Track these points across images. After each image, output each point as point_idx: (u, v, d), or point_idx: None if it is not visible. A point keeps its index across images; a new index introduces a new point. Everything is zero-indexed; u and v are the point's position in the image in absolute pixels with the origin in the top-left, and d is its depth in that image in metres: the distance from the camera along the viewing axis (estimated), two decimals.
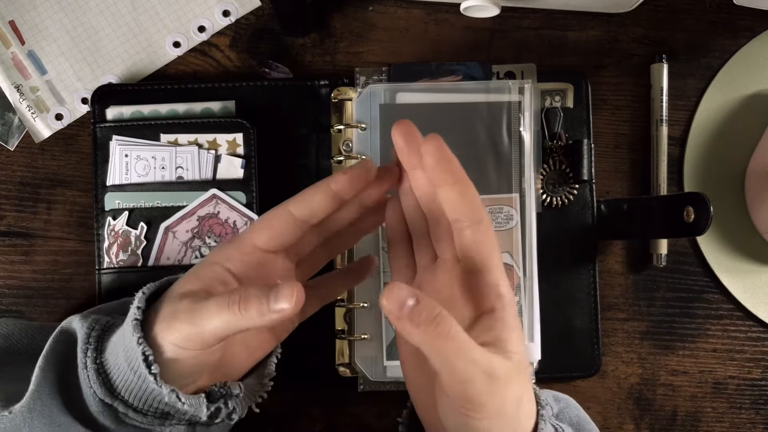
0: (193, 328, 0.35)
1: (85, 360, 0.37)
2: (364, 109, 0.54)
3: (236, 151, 0.53)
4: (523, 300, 0.53)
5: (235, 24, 0.57)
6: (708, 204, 0.47)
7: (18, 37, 0.56)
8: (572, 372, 0.55)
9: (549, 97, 0.56)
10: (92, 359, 0.37)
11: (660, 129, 0.56)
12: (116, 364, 0.36)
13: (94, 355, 0.37)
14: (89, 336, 0.38)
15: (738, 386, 0.57)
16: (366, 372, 0.53)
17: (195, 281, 0.38)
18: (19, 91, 0.56)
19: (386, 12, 0.57)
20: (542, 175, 0.55)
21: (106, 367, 0.37)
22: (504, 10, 0.55)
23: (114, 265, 0.53)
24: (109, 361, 0.37)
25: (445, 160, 0.35)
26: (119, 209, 0.53)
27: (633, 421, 0.57)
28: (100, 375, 0.37)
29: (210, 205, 0.53)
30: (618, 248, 0.57)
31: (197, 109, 0.54)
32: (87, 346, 0.37)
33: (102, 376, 0.37)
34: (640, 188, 0.57)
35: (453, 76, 0.54)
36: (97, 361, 0.37)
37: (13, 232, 0.56)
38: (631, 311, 0.57)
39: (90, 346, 0.37)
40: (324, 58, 0.57)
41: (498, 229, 0.53)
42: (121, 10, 0.56)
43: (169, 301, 0.37)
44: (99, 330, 0.38)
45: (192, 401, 0.37)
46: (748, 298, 0.57)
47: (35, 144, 0.56)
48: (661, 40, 0.58)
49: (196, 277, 0.38)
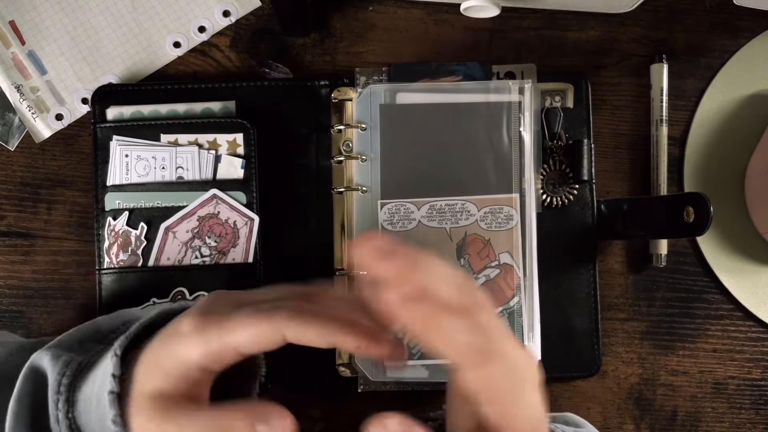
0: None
1: (56, 413, 0.34)
2: (364, 109, 0.54)
3: (236, 151, 0.53)
4: (524, 300, 0.53)
5: (235, 24, 0.57)
6: (708, 204, 0.47)
7: (18, 37, 0.56)
8: (572, 372, 0.55)
9: (549, 97, 0.56)
10: (64, 413, 0.34)
11: (660, 129, 0.56)
12: (88, 423, 0.34)
13: (65, 408, 0.34)
14: (59, 383, 0.35)
15: (738, 386, 0.57)
16: (366, 372, 0.53)
17: (162, 378, 0.33)
18: (19, 92, 0.56)
19: (386, 12, 0.57)
20: (542, 175, 0.55)
21: (78, 422, 0.34)
22: (504, 10, 0.55)
23: (114, 265, 0.53)
24: (81, 418, 0.34)
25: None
26: (119, 209, 0.53)
27: (633, 421, 0.57)
28: (71, 429, 0.34)
29: (210, 205, 0.53)
30: (618, 248, 0.57)
31: (197, 110, 0.54)
32: (58, 396, 0.35)
33: (73, 430, 0.34)
34: (640, 188, 0.57)
35: (453, 77, 0.54)
36: (69, 416, 0.34)
37: (13, 232, 0.56)
38: (631, 311, 0.57)
39: (61, 396, 0.35)
40: (324, 58, 0.57)
41: (498, 229, 0.53)
42: (121, 10, 0.56)
43: (139, 402, 0.33)
44: (70, 376, 0.35)
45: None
46: (748, 298, 0.57)
47: (35, 144, 0.56)
48: (660, 40, 0.58)
49: (164, 373, 0.33)
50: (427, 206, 0.53)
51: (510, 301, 0.53)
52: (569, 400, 0.56)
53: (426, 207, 0.53)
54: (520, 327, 0.53)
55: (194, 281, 0.53)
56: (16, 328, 0.55)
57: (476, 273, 0.53)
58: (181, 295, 0.53)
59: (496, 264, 0.53)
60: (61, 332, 0.55)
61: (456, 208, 0.53)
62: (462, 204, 0.53)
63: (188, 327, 0.33)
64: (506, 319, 0.53)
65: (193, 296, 0.53)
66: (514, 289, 0.53)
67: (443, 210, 0.53)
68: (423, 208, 0.53)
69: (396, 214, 0.53)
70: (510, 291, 0.53)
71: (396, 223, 0.53)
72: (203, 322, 0.32)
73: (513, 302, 0.53)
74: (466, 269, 0.53)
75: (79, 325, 0.48)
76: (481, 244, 0.53)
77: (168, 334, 0.34)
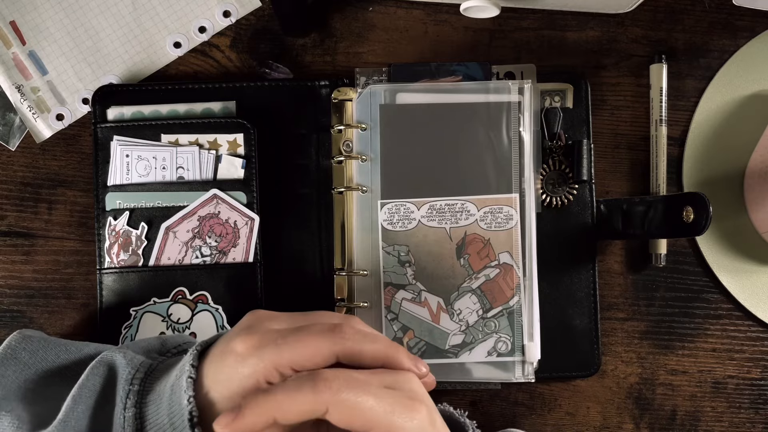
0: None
1: (125, 401, 0.36)
2: (364, 109, 0.54)
3: (237, 151, 0.54)
4: (523, 300, 0.53)
5: (235, 24, 0.57)
6: (707, 204, 0.47)
7: (19, 38, 0.56)
8: (572, 371, 0.55)
9: (549, 98, 0.56)
10: (133, 402, 0.35)
11: (659, 129, 0.57)
12: (156, 414, 0.35)
13: (135, 398, 0.36)
14: (133, 377, 0.37)
15: (737, 386, 0.57)
16: None
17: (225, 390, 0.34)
18: (20, 92, 0.56)
19: (386, 12, 0.57)
20: (542, 175, 0.55)
21: (144, 414, 0.35)
22: (504, 10, 0.55)
23: (115, 265, 0.53)
24: (149, 410, 0.35)
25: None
26: (120, 209, 0.53)
27: (633, 420, 0.57)
28: (137, 420, 0.35)
29: (211, 205, 0.53)
30: (618, 248, 0.57)
31: (198, 110, 0.54)
32: (130, 387, 0.36)
33: (138, 421, 0.35)
34: (639, 188, 0.57)
35: (453, 77, 0.55)
36: (137, 406, 0.35)
37: (14, 232, 0.56)
38: (630, 311, 0.57)
39: (133, 388, 0.36)
40: (324, 59, 0.57)
41: (498, 229, 0.53)
42: (121, 11, 0.56)
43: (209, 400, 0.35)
44: (143, 372, 0.37)
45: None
46: (748, 298, 0.57)
47: (36, 144, 0.56)
48: (660, 40, 0.58)
49: (227, 388, 0.34)
50: (427, 206, 0.54)
51: (510, 300, 0.53)
52: (569, 399, 0.56)
53: (426, 207, 0.54)
54: (519, 327, 0.53)
55: (195, 281, 0.53)
56: (16, 328, 0.55)
57: (476, 273, 0.53)
58: (181, 295, 0.53)
59: (495, 264, 0.53)
60: (62, 332, 0.56)
61: (456, 208, 0.53)
62: (462, 204, 0.53)
63: (258, 342, 0.34)
64: (506, 319, 0.53)
65: (193, 296, 0.53)
66: (513, 288, 0.53)
67: (443, 210, 0.53)
68: (423, 208, 0.54)
69: (396, 213, 0.54)
70: (510, 291, 0.53)
71: (396, 223, 0.54)
72: (275, 340, 0.34)
73: (513, 302, 0.53)
74: (466, 269, 0.53)
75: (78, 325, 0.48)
76: (480, 244, 0.53)
77: (222, 352, 0.35)
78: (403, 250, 0.53)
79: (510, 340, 0.53)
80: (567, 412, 0.56)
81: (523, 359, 0.53)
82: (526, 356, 0.53)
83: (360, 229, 0.54)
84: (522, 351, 0.53)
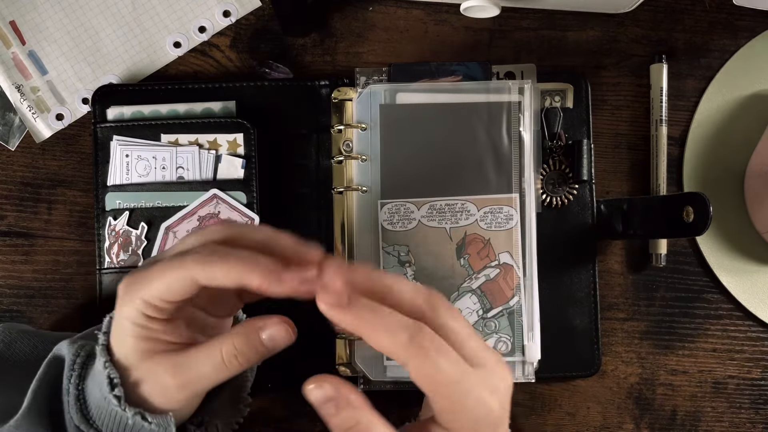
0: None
1: (68, 386, 0.37)
2: (365, 109, 0.54)
3: (237, 151, 0.54)
4: (523, 300, 0.53)
5: (235, 24, 0.57)
6: (707, 204, 0.47)
7: (19, 38, 0.56)
8: (572, 372, 0.55)
9: (549, 97, 0.56)
10: (74, 385, 0.37)
11: (659, 129, 0.56)
12: (92, 390, 0.37)
13: (76, 381, 0.37)
14: (74, 362, 0.38)
15: (737, 386, 0.57)
16: (366, 372, 0.53)
17: (122, 341, 0.36)
18: (19, 91, 0.56)
19: (386, 12, 0.57)
20: (542, 175, 0.55)
21: (85, 393, 0.37)
22: (504, 10, 0.55)
23: (115, 265, 0.53)
24: (88, 387, 0.37)
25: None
26: (120, 209, 0.53)
27: (633, 420, 0.57)
28: (79, 401, 0.37)
29: (210, 205, 0.53)
30: (618, 248, 0.57)
31: (198, 110, 0.54)
32: (71, 372, 0.38)
33: (80, 402, 0.37)
34: (639, 188, 0.57)
35: (453, 77, 0.55)
36: (78, 387, 0.37)
37: (13, 232, 0.56)
38: (630, 311, 0.57)
39: (74, 372, 0.38)
40: (324, 58, 0.57)
41: (498, 228, 0.53)
42: (121, 11, 0.56)
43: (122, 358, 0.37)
44: (84, 356, 0.38)
45: (159, 420, 0.36)
46: (748, 298, 0.57)
47: (36, 144, 0.56)
48: (660, 40, 0.58)
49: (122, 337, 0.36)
50: (427, 206, 0.54)
51: (510, 300, 0.53)
52: (569, 399, 0.56)
53: (426, 207, 0.54)
54: (519, 327, 0.53)
55: None
56: None
57: (476, 273, 0.53)
58: None
59: (495, 264, 0.53)
60: (62, 332, 0.55)
61: (456, 208, 0.53)
62: (462, 204, 0.53)
63: (120, 290, 0.35)
64: (506, 319, 0.53)
65: None
66: (513, 288, 0.53)
67: (443, 210, 0.53)
68: (423, 208, 0.54)
69: (396, 213, 0.54)
70: (510, 291, 0.53)
71: (396, 223, 0.54)
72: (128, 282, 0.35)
73: (513, 302, 0.53)
74: (466, 269, 0.53)
75: (78, 325, 0.49)
76: (481, 244, 0.53)
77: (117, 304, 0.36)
78: (403, 250, 0.53)
79: (510, 341, 0.53)
80: (567, 413, 0.56)
81: (523, 359, 0.53)
82: (527, 356, 0.53)
83: (360, 229, 0.54)
84: (522, 351, 0.53)
